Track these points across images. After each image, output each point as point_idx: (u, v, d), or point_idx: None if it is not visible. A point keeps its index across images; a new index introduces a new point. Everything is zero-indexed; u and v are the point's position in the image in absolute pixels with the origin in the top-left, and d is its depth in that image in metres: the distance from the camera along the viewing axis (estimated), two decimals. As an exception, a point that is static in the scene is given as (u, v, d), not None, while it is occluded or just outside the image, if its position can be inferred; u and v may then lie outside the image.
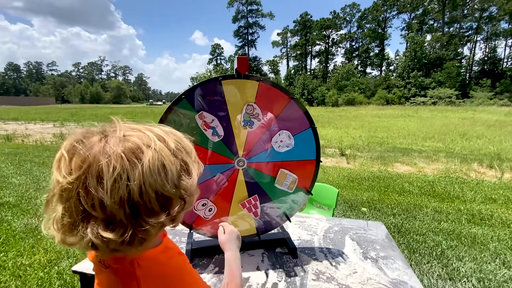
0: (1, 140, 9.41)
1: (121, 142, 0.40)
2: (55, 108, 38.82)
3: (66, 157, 0.40)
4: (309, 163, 1.17)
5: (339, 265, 1.10)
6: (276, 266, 1.10)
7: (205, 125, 1.05)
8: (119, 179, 0.38)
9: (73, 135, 0.43)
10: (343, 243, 1.28)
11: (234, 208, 1.17)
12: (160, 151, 0.42)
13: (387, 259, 1.14)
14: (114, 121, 0.45)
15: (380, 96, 40.52)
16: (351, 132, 11.68)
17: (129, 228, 0.40)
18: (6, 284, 1.96)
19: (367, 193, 4.09)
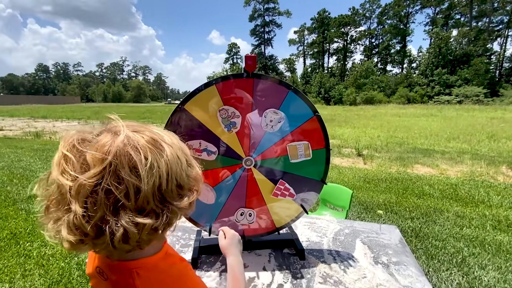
0: (31, 137, 10.02)
1: (139, 135, 0.42)
2: (80, 107, 40.80)
3: (71, 157, 0.39)
4: (310, 122, 1.12)
5: (347, 269, 1.07)
6: (282, 267, 1.09)
7: (197, 152, 1.06)
8: (153, 166, 0.40)
9: (69, 136, 0.42)
10: (353, 246, 1.24)
11: (269, 201, 1.16)
12: (172, 144, 0.46)
13: (399, 265, 1.09)
14: (116, 120, 0.45)
15: (401, 95, 39.03)
16: (369, 132, 11.35)
17: (161, 214, 0.42)
18: (31, 272, 2.09)
19: (384, 195, 3.96)
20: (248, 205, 1.16)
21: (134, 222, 0.39)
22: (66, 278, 2.02)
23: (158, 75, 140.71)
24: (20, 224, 2.89)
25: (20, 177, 4.61)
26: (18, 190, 3.95)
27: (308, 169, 1.16)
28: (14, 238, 2.58)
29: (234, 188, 1.13)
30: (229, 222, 1.17)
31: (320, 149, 1.15)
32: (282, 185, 1.14)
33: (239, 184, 1.13)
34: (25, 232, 2.71)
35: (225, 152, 1.09)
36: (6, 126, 14.06)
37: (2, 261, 2.21)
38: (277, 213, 1.19)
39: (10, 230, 2.74)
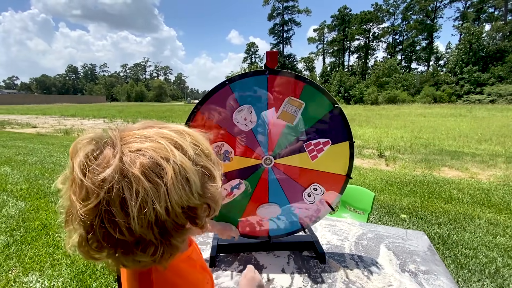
0: (61, 134, 10.65)
1: (137, 159, 0.37)
2: (105, 106, 42.79)
3: (78, 180, 0.37)
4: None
5: (371, 275, 1.02)
6: (302, 270, 1.06)
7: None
8: (145, 204, 0.36)
9: (83, 148, 0.39)
10: (377, 252, 1.18)
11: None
12: (181, 164, 0.39)
13: (428, 274, 1.02)
14: (123, 128, 0.42)
15: (427, 94, 37.17)
16: (392, 132, 10.91)
17: (159, 247, 0.39)
18: (59, 262, 2.20)
19: (407, 199, 3.78)
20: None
21: (132, 253, 0.38)
22: (91, 269, 2.11)
23: (178, 75, 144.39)
24: (50, 215, 3.06)
25: (51, 172, 4.91)
26: (49, 184, 4.20)
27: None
28: (45, 229, 2.74)
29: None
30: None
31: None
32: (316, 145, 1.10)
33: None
34: (54, 224, 2.87)
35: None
36: (39, 123, 15.04)
37: (33, 250, 2.36)
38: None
39: (41, 221, 2.92)
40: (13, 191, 3.83)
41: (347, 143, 1.10)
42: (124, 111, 27.20)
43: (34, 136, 10.07)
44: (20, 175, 4.67)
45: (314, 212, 1.17)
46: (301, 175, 1.11)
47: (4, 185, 4.11)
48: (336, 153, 1.09)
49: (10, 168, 5.13)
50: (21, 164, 5.46)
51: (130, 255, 0.39)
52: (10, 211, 3.16)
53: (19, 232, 2.68)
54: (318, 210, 1.17)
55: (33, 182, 4.25)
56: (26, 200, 3.52)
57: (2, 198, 3.59)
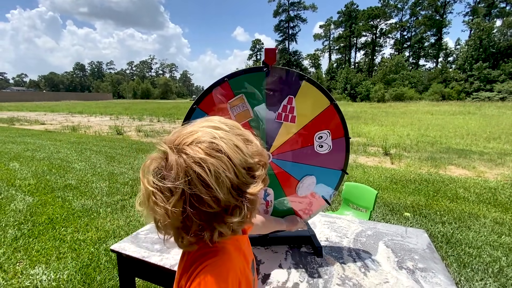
0: (68, 131, 10.82)
1: (196, 147, 0.44)
2: (111, 103, 43.26)
3: (156, 192, 0.44)
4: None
5: (368, 272, 1.02)
6: (299, 265, 1.06)
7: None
8: (218, 175, 0.43)
9: (151, 164, 0.47)
10: (375, 249, 1.18)
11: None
12: (226, 137, 0.47)
13: (426, 272, 1.01)
14: (168, 136, 0.49)
15: (435, 91, 36.56)
16: (398, 130, 10.78)
17: (242, 207, 0.47)
18: (65, 255, 2.25)
19: (412, 197, 3.74)
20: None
21: (225, 223, 0.47)
22: (95, 262, 2.15)
23: (184, 72, 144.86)
24: (56, 210, 3.13)
25: (58, 167, 5.00)
26: (56, 179, 4.28)
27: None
28: (51, 223, 2.81)
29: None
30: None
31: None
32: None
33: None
34: (60, 218, 2.93)
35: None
36: (47, 120, 15.30)
37: (40, 244, 2.42)
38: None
39: (48, 215, 2.99)
40: (21, 186, 3.92)
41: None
42: (130, 108, 27.46)
43: (42, 132, 10.26)
44: (28, 170, 4.78)
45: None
46: (299, 143, 1.11)
47: (12, 180, 4.21)
48: (307, 94, 1.07)
49: (19, 163, 5.25)
50: (30, 160, 5.58)
51: (223, 223, 0.47)
52: (18, 206, 3.24)
53: (27, 226, 2.75)
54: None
55: (40, 178, 4.35)
56: (34, 195, 3.60)
57: (11, 193, 3.68)
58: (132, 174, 4.63)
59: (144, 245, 1.19)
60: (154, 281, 1.19)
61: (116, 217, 2.99)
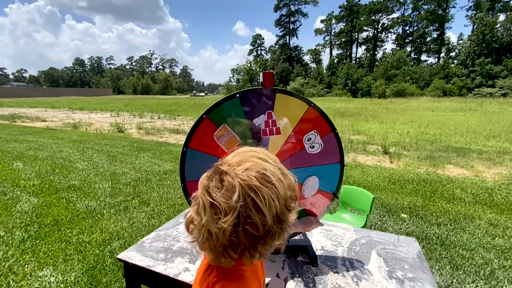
0: (70, 128, 10.88)
1: (250, 175, 0.50)
2: (112, 99, 43.23)
3: (217, 205, 0.49)
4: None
5: (360, 281, 1.08)
6: (295, 275, 1.13)
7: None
8: (270, 203, 0.49)
9: (208, 183, 0.51)
10: (368, 258, 1.24)
11: None
12: (272, 169, 0.53)
13: (414, 281, 1.08)
14: (221, 162, 0.54)
15: (436, 87, 36.39)
16: (398, 128, 10.81)
17: (280, 232, 0.53)
18: (71, 257, 2.33)
19: (409, 198, 3.81)
20: None
21: (266, 246, 0.52)
22: (101, 264, 2.23)
23: (184, 67, 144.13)
24: (61, 212, 3.21)
25: (61, 167, 5.07)
26: (59, 180, 4.36)
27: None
28: (57, 225, 2.88)
29: None
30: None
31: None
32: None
33: None
34: (66, 220, 3.01)
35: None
36: (48, 117, 15.36)
37: (47, 246, 2.50)
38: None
39: (53, 217, 3.06)
40: (26, 187, 4.00)
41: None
42: (131, 104, 27.46)
43: (43, 130, 10.32)
44: (32, 170, 4.85)
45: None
46: (290, 150, 1.19)
47: (17, 180, 4.29)
48: (284, 105, 1.14)
49: (22, 163, 5.32)
50: (33, 159, 5.65)
51: (265, 245, 0.52)
52: (24, 207, 3.32)
53: (33, 227, 2.83)
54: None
55: (44, 178, 4.42)
56: (39, 196, 3.68)
57: (16, 193, 3.76)
58: (134, 174, 4.71)
59: (149, 253, 1.26)
60: (158, 288, 1.26)
61: (119, 218, 3.07)
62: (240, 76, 60.33)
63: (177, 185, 4.21)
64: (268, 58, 65.31)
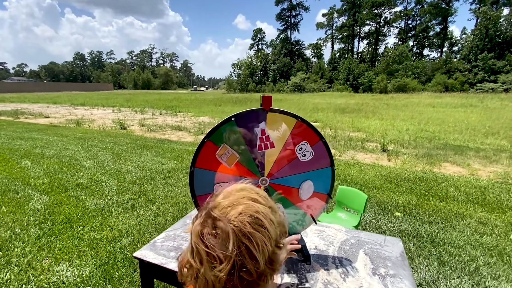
0: (73, 125, 11.04)
1: (244, 220, 0.50)
2: (112, 94, 43.29)
3: (211, 255, 0.49)
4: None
5: (347, 277, 1.24)
6: (291, 271, 1.28)
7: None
8: (263, 248, 0.50)
9: (202, 230, 0.52)
10: (356, 256, 1.39)
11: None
12: (264, 210, 0.54)
13: (395, 278, 1.23)
14: (212, 205, 0.55)
15: (438, 82, 36.25)
16: (398, 125, 10.91)
17: (272, 274, 0.54)
18: (85, 253, 2.50)
19: (404, 196, 3.96)
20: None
21: (257, 286, 0.52)
22: (112, 260, 2.40)
23: (184, 62, 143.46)
24: (72, 210, 3.38)
25: (68, 166, 5.24)
26: (67, 178, 4.53)
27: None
28: (69, 223, 3.06)
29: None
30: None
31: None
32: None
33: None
34: (77, 218, 3.18)
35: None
36: (51, 113, 15.51)
37: (61, 242, 2.67)
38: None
39: (64, 215, 3.24)
40: (36, 185, 4.17)
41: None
42: (132, 99, 27.57)
43: (47, 127, 10.48)
44: (40, 169, 5.02)
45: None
46: (285, 161, 1.33)
47: (27, 179, 4.46)
48: (275, 122, 1.28)
49: (30, 161, 5.50)
50: (40, 157, 5.82)
51: (256, 287, 0.52)
52: (36, 205, 3.49)
53: (47, 225, 3.00)
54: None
55: (53, 176, 4.59)
56: (49, 194, 3.85)
57: (28, 192, 3.93)
58: (139, 173, 4.87)
59: (161, 252, 1.42)
60: (170, 283, 1.42)
61: (127, 216, 3.24)
62: (241, 71, 60.06)
63: (180, 183, 4.38)
64: (269, 52, 64.91)
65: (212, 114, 15.02)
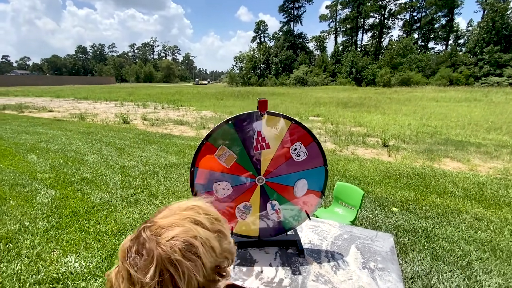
0: (76, 119, 11.16)
1: (175, 246, 0.46)
2: (115, 87, 43.34)
3: (133, 277, 0.45)
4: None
5: (338, 271, 1.31)
6: (285, 264, 1.36)
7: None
8: (190, 278, 0.46)
9: (129, 249, 0.48)
10: (348, 251, 1.47)
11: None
12: (205, 237, 0.49)
13: (383, 271, 1.31)
14: (150, 222, 0.51)
15: (442, 76, 35.80)
16: (400, 119, 10.88)
17: None
18: (91, 245, 2.61)
19: (402, 192, 4.02)
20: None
21: None
22: (118, 252, 2.50)
23: (186, 54, 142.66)
24: (78, 203, 3.49)
25: (73, 160, 5.35)
26: (72, 172, 4.64)
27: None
28: (75, 216, 3.17)
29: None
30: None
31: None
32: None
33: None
34: (82, 211, 3.29)
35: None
36: (55, 107, 15.64)
37: (69, 235, 2.78)
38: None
39: (71, 208, 3.35)
40: (43, 180, 4.29)
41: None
42: (134, 93, 27.61)
43: (51, 121, 10.61)
44: (46, 163, 5.14)
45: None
46: (280, 160, 1.39)
47: (34, 173, 4.58)
48: (271, 123, 1.34)
49: (36, 156, 5.61)
50: (45, 152, 5.94)
51: None
52: (43, 199, 3.61)
53: (54, 218, 3.11)
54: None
55: (58, 171, 4.71)
56: (55, 188, 3.97)
57: (34, 186, 4.05)
58: (142, 167, 4.97)
59: (163, 246, 1.50)
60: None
61: (131, 210, 3.34)
62: (243, 64, 59.65)
63: (182, 178, 4.47)
64: (271, 45, 64.27)
65: (214, 108, 15.06)
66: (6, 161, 5.21)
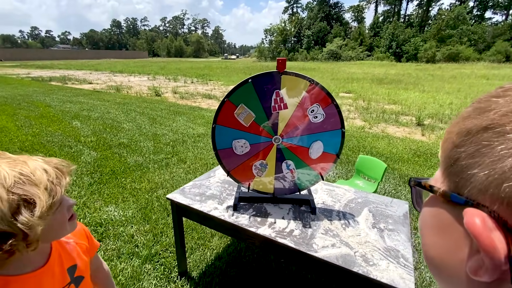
0: (113, 91, 11.88)
1: None
2: (147, 62, 44.73)
3: None
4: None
5: (347, 227, 1.37)
6: (297, 219, 1.46)
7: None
8: None
9: None
10: (360, 212, 1.51)
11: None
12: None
13: (392, 232, 1.34)
14: None
15: (498, 50, 31.54)
16: (440, 98, 10.02)
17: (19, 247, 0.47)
18: (127, 199, 2.95)
19: (431, 171, 3.85)
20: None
21: None
22: (150, 205, 2.81)
23: (216, 28, 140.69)
24: (116, 164, 3.88)
25: (111, 127, 5.83)
26: (111, 138, 5.09)
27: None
28: (114, 174, 3.54)
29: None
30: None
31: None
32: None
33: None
34: (120, 171, 3.66)
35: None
36: (94, 80, 16.71)
37: (109, 189, 3.15)
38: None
39: (110, 168, 3.74)
40: (86, 142, 4.77)
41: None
42: (165, 68, 28.34)
43: (91, 92, 11.42)
44: (88, 129, 5.67)
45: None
46: (297, 121, 1.42)
47: (78, 137, 5.10)
48: (289, 84, 1.38)
49: (80, 122, 6.19)
50: (87, 119, 6.51)
51: None
52: (87, 159, 4.05)
53: (96, 175, 3.51)
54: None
55: (99, 136, 5.18)
56: (97, 150, 4.41)
57: (79, 147, 4.53)
58: (172, 136, 5.28)
59: (189, 196, 1.67)
60: (195, 220, 1.69)
61: (162, 172, 3.65)
62: (273, 37, 57.48)
63: (209, 147, 4.69)
64: (304, 16, 60.67)
65: (241, 83, 15.01)
66: (55, 126, 5.83)
